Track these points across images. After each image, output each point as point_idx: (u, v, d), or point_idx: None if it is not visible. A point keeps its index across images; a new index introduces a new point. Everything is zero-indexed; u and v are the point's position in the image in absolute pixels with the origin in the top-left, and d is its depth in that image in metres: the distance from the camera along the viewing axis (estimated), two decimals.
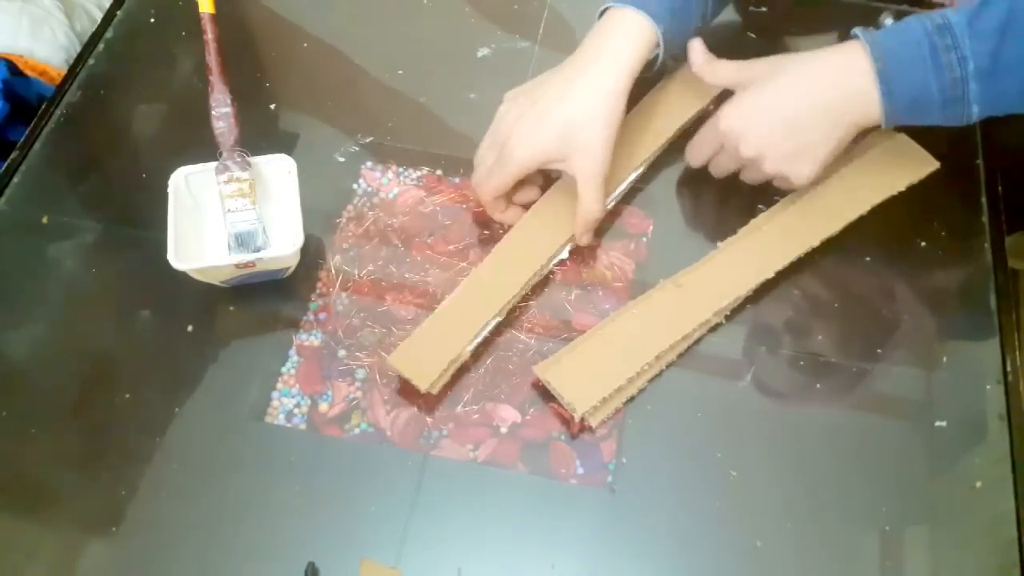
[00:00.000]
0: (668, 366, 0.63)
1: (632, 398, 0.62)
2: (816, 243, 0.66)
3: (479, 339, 0.64)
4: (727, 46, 0.66)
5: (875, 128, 0.62)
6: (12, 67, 0.97)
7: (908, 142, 0.70)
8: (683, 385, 0.62)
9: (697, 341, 0.64)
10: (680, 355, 0.63)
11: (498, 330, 0.65)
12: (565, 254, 0.68)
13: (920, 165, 0.69)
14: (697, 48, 0.67)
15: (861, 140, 0.71)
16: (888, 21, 0.61)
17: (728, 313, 0.64)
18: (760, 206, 0.68)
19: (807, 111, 0.61)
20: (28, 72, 1.01)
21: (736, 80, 0.65)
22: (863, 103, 0.60)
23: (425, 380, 0.61)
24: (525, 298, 0.66)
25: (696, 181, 0.71)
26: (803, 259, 0.66)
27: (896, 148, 0.70)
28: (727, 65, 0.66)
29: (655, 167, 0.72)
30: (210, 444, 0.62)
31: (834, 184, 0.68)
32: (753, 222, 0.67)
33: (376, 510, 0.58)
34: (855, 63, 0.59)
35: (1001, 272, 0.66)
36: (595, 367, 0.61)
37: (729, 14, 0.82)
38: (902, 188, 0.68)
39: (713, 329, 0.64)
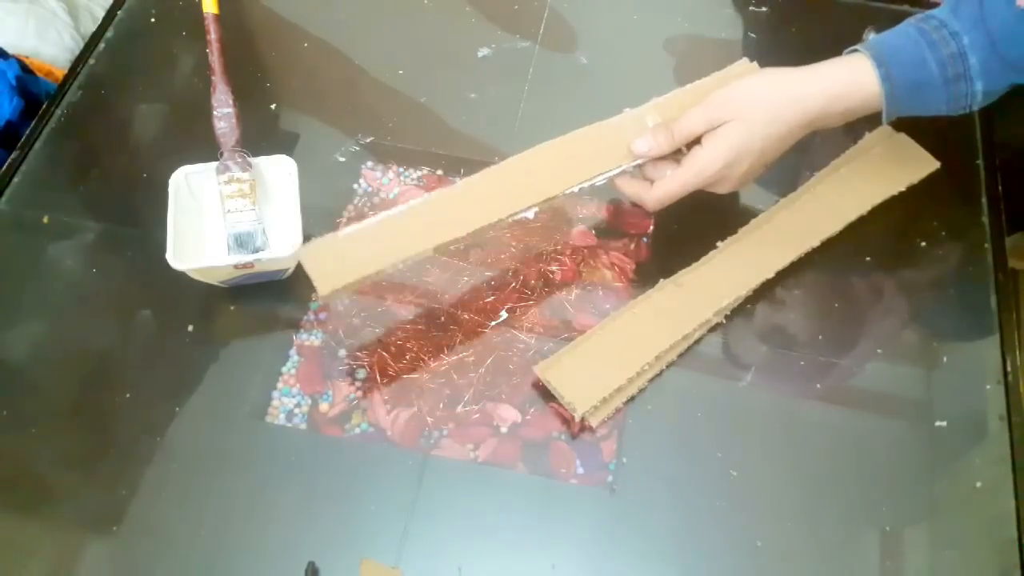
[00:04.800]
0: (668, 366, 0.63)
1: (632, 398, 0.62)
2: (816, 243, 0.66)
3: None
4: (727, 46, 0.65)
5: (876, 127, 0.61)
6: (23, 65, 0.98)
7: (908, 142, 0.70)
8: (683, 385, 0.62)
9: (697, 341, 0.64)
10: (680, 355, 0.63)
11: (497, 329, 0.65)
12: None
13: (920, 165, 0.69)
14: (644, 139, 0.63)
15: (862, 140, 0.71)
16: (871, 36, 0.62)
17: (728, 313, 0.64)
18: (760, 206, 0.68)
19: (802, 130, 0.61)
20: (34, 72, 1.01)
21: (707, 123, 0.61)
22: (866, 107, 0.59)
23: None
24: (526, 298, 0.66)
25: None
26: (803, 259, 0.66)
27: (896, 148, 0.70)
28: (690, 117, 0.62)
29: None
30: (210, 444, 0.62)
31: (834, 184, 0.68)
32: (753, 221, 0.67)
33: (376, 510, 0.58)
34: (851, 61, 0.60)
35: (1001, 272, 0.66)
36: (595, 367, 0.61)
37: (729, 14, 0.82)
38: (902, 188, 0.68)
39: (713, 329, 0.64)
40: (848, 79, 0.59)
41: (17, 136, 0.91)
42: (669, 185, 0.62)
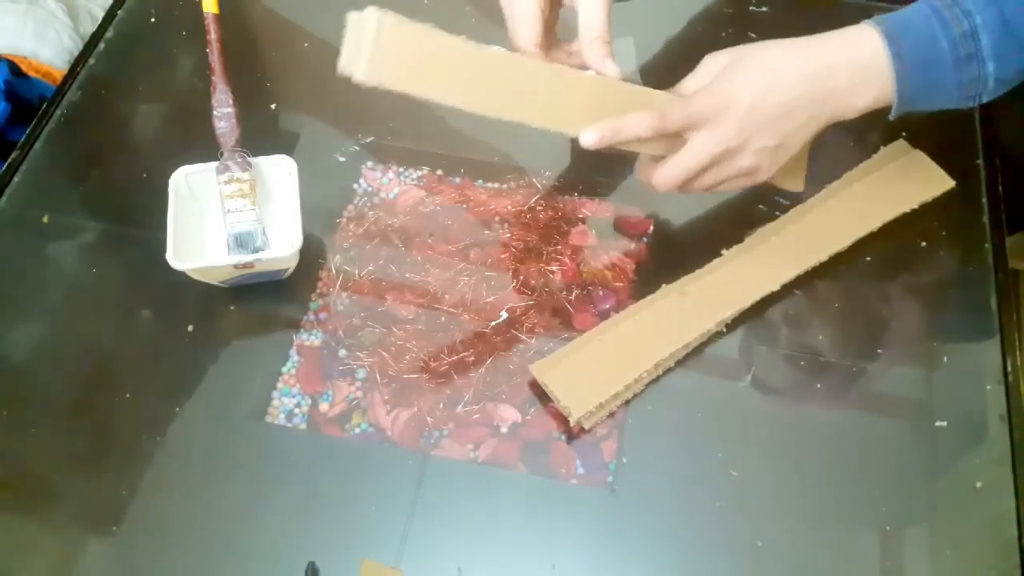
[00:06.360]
0: (666, 371, 0.62)
1: (628, 401, 0.61)
2: (824, 258, 0.65)
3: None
4: (727, 46, 0.65)
5: (891, 142, 0.60)
6: (14, 68, 0.97)
7: (923, 159, 0.69)
8: (683, 385, 0.62)
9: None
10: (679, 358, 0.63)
11: (497, 329, 0.65)
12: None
13: (934, 183, 0.68)
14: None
15: (876, 154, 0.70)
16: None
17: (729, 322, 0.64)
18: (760, 206, 0.68)
19: (806, 93, 0.57)
20: (32, 73, 1.01)
21: (701, 109, 0.57)
22: (875, 74, 0.57)
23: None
24: (526, 298, 0.66)
25: None
26: None
27: (911, 165, 0.68)
28: (675, 104, 0.58)
29: None
30: (210, 444, 0.62)
31: (847, 198, 0.67)
32: (760, 232, 0.66)
33: (376, 510, 0.58)
34: (860, 32, 0.58)
35: (1001, 272, 0.66)
36: (592, 372, 0.60)
37: (729, 14, 0.82)
38: (915, 206, 0.67)
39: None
40: (855, 43, 0.58)
41: (5, 141, 0.90)
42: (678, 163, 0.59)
